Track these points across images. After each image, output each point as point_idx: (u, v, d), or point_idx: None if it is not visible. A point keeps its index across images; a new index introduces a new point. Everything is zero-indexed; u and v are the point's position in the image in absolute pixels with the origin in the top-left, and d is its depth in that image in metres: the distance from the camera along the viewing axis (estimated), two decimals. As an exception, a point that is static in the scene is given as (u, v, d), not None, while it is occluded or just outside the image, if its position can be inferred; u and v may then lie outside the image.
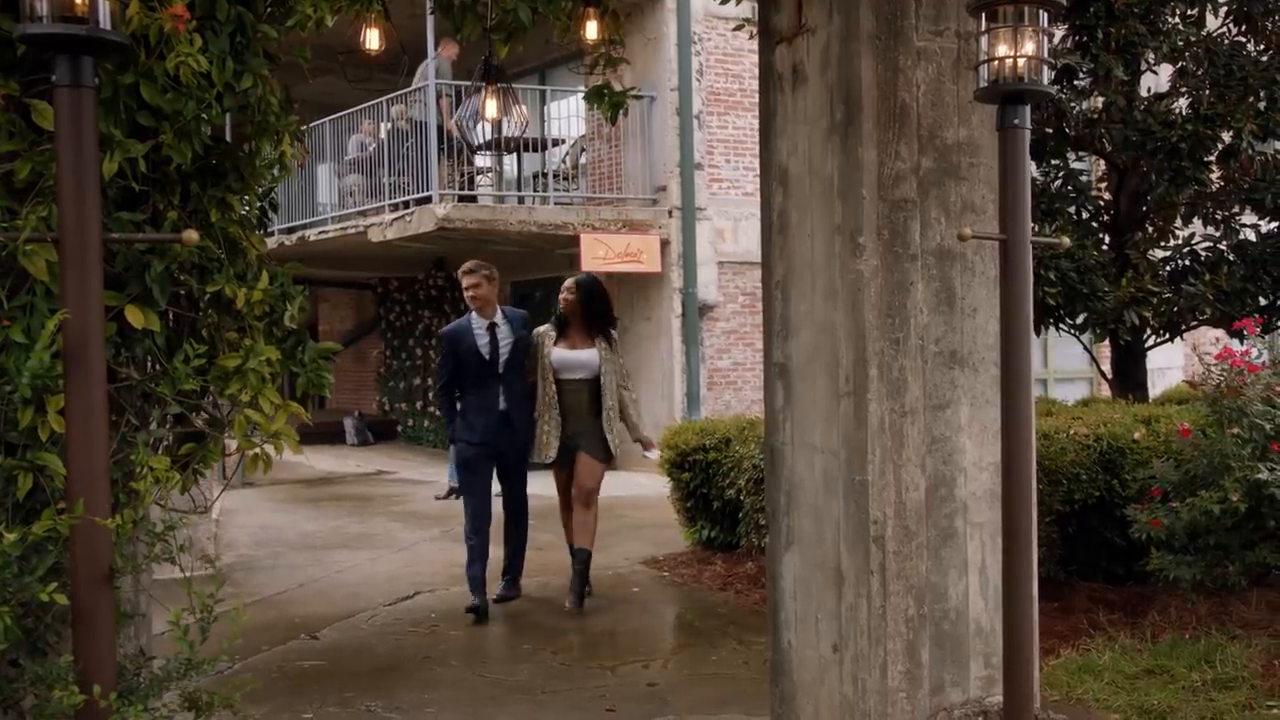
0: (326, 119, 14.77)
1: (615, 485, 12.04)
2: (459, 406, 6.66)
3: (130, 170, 2.62)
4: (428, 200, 12.63)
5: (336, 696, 5.04)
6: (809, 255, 3.88)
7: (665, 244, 13.06)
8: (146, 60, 2.58)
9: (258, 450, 2.98)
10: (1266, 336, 6.39)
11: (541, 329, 6.85)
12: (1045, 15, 3.27)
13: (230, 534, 9.32)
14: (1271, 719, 4.31)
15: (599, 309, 6.82)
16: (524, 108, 6.91)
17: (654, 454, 7.22)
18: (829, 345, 3.78)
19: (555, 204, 13.04)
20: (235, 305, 2.88)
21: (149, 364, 2.82)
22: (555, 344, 6.72)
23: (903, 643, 3.68)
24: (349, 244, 14.24)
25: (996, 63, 3.27)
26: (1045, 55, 3.26)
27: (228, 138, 3.01)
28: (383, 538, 9.26)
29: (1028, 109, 3.28)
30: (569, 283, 6.88)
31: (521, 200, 12.92)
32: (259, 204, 3.09)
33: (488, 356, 6.55)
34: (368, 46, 5.49)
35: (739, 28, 6.21)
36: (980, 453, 3.80)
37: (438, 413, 8.83)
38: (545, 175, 12.55)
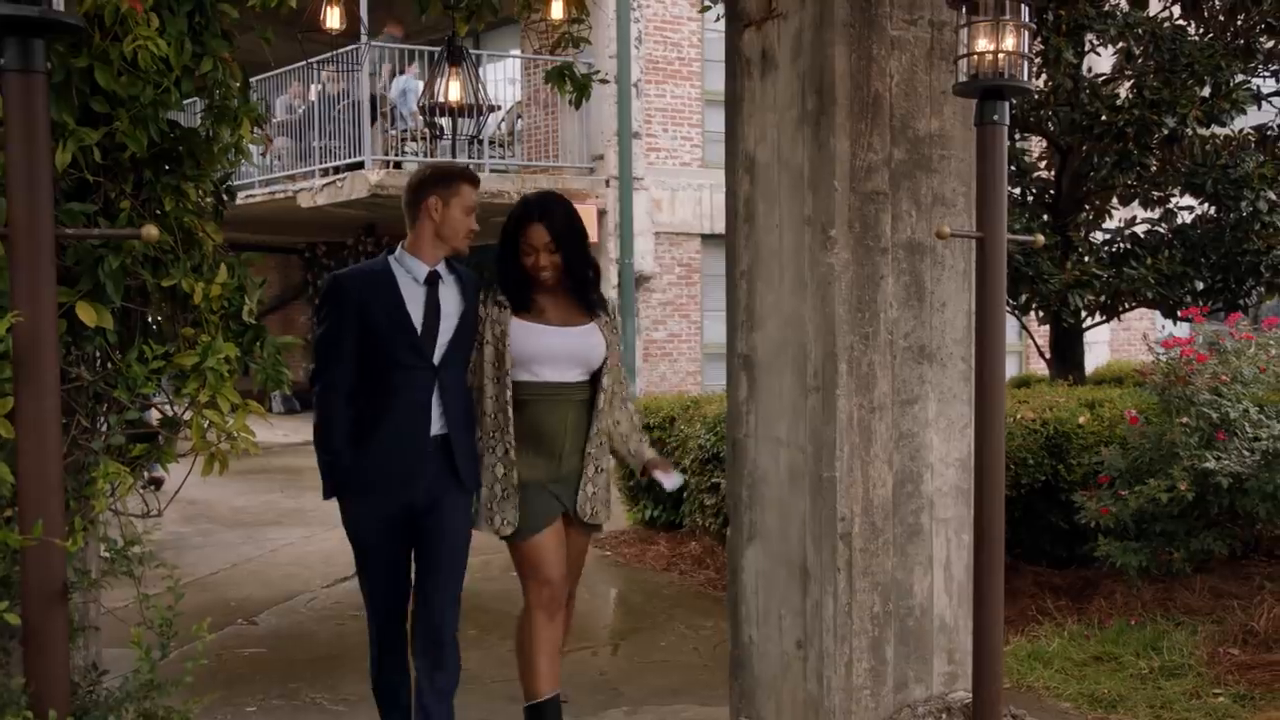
0: (252, 79, 14.36)
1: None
2: (354, 422, 3.62)
3: (83, 159, 2.46)
4: (360, 166, 12.36)
5: (280, 688, 4.92)
6: (777, 246, 3.80)
7: (602, 214, 12.94)
8: (101, 42, 2.41)
9: (214, 450, 2.85)
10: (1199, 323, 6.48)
11: (484, 292, 3.83)
12: (1026, 9, 3.22)
13: (154, 504, 9.06)
14: (1218, 707, 4.37)
15: (586, 253, 3.94)
16: (485, 87, 6.56)
17: (674, 479, 4.20)
18: (796, 338, 3.72)
19: (491, 172, 12.83)
20: (192, 300, 2.73)
21: (100, 363, 2.67)
22: (516, 315, 3.78)
23: (868, 640, 3.66)
24: (277, 208, 13.91)
25: (976, 57, 3.21)
26: (1025, 50, 3.21)
27: (184, 122, 2.85)
28: (316, 513, 9.06)
29: (1007, 105, 3.22)
30: (533, 203, 3.86)
31: (457, 167, 12.65)
32: (215, 191, 2.93)
33: (419, 331, 3.58)
34: (329, 25, 5.29)
35: (704, 9, 6.08)
36: (947, 448, 3.78)
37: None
38: (480, 142, 12.32)
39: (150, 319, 2.81)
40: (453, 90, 6.12)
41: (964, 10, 3.22)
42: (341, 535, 7.97)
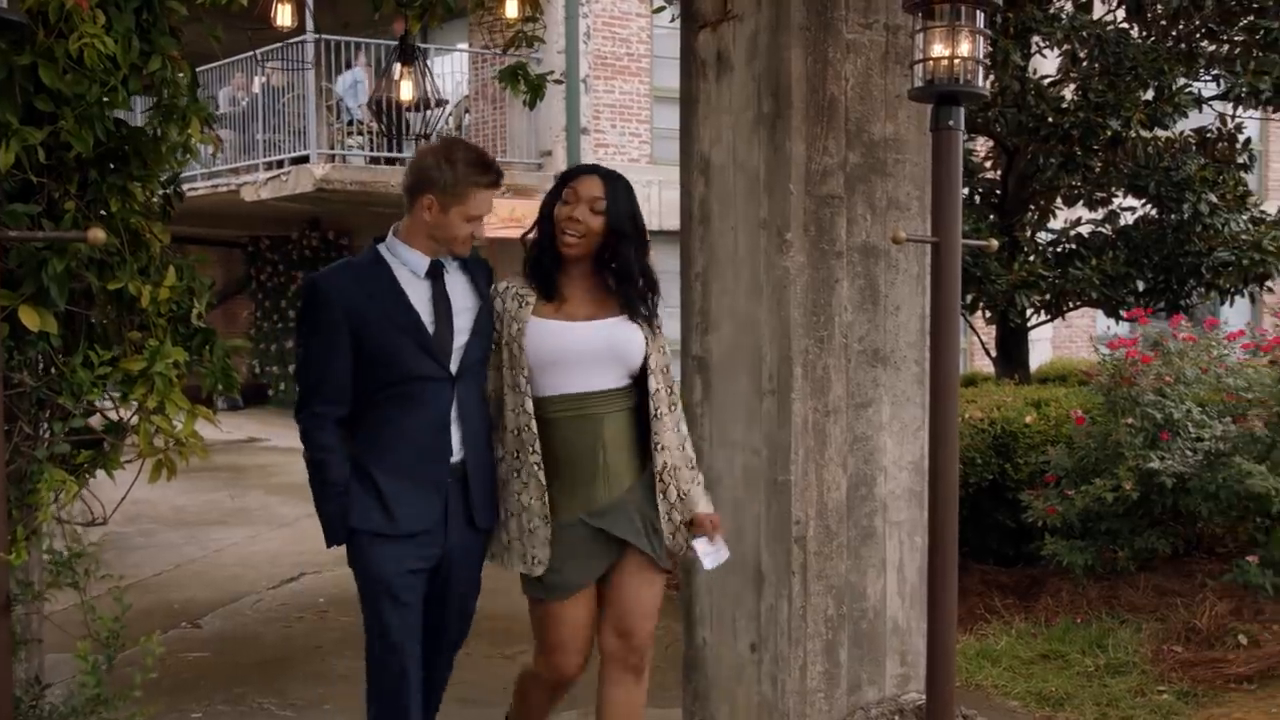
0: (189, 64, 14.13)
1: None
2: (357, 456, 2.98)
3: (27, 159, 2.39)
4: (305, 160, 12.21)
5: (225, 693, 4.84)
6: (732, 248, 3.80)
7: (550, 210, 12.86)
8: (46, 39, 2.34)
9: (162, 457, 2.79)
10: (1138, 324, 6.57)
11: (504, 285, 3.17)
12: (981, 16, 3.24)
13: (98, 509, 8.90)
14: (1163, 704, 4.44)
15: (640, 248, 3.20)
16: (438, 84, 6.42)
17: (718, 554, 3.24)
18: (751, 342, 3.72)
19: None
20: (139, 303, 2.67)
21: (43, 368, 2.60)
22: (536, 313, 3.11)
23: (822, 643, 3.66)
24: (219, 202, 13.70)
25: (932, 62, 3.22)
26: (980, 56, 3.22)
27: (131, 121, 2.78)
28: (261, 513, 8.96)
29: (962, 111, 3.24)
30: (584, 174, 3.16)
31: (404, 163, 12.54)
32: (162, 191, 2.87)
33: (431, 331, 2.97)
34: (279, 23, 5.20)
35: (658, 10, 6.06)
36: (900, 451, 3.79)
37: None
38: (428, 137, 12.20)
39: (96, 322, 2.74)
40: (405, 89, 6.01)
41: (920, 16, 3.23)
42: (287, 536, 7.76)
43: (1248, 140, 8.11)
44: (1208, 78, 7.69)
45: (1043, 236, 8.15)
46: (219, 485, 10.18)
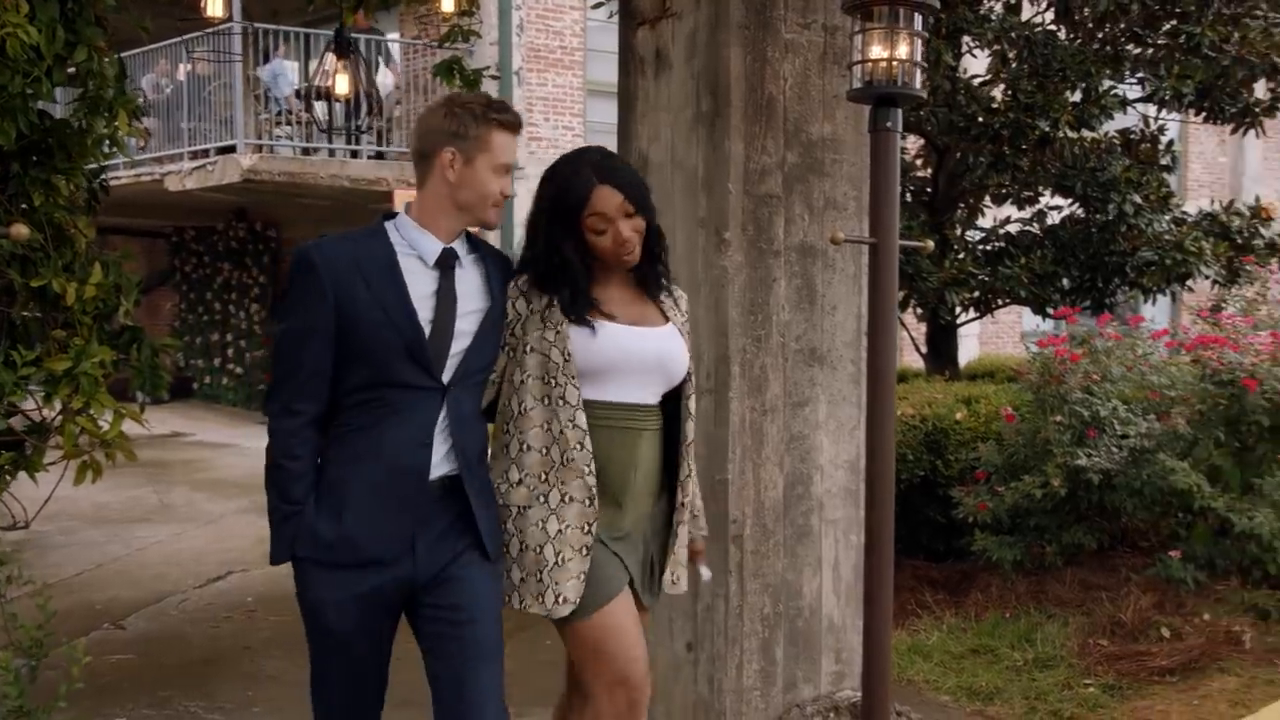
0: (116, 55, 13.81)
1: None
2: (325, 464, 2.61)
3: (-55, 153, 2.30)
4: (232, 150, 11.98)
5: (150, 696, 4.73)
6: (670, 246, 3.78)
7: (483, 203, 12.77)
8: (-35, 29, 2.26)
9: (87, 458, 2.71)
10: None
11: (516, 281, 2.78)
12: (919, 18, 3.26)
13: (18, 511, 8.67)
14: (1089, 697, 4.52)
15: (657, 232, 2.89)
16: (374, 77, 6.27)
17: (705, 572, 3.17)
18: (689, 341, 3.71)
19: (368, 158, 12.56)
20: (64, 301, 2.59)
21: (-38, 368, 2.51)
22: (571, 315, 2.72)
23: (758, 641, 3.68)
24: (142, 191, 13.39)
25: (870, 64, 3.24)
26: (918, 58, 3.24)
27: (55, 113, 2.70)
28: (186, 509, 8.79)
29: (900, 112, 3.26)
30: (580, 163, 2.79)
31: (333, 153, 12.41)
32: (87, 185, 2.78)
33: (426, 335, 2.58)
34: (209, 13, 5.08)
35: (597, 5, 6.03)
36: (836, 450, 3.81)
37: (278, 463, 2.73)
38: (358, 127, 12.06)
39: (18, 321, 2.66)
40: (340, 84, 5.89)
41: (859, 17, 3.24)
42: (213, 533, 7.57)
43: (1170, 142, 8.28)
44: (1133, 80, 7.83)
45: (972, 235, 8.25)
46: (143, 481, 9.96)
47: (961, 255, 7.67)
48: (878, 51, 3.20)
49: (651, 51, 3.84)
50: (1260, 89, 7.85)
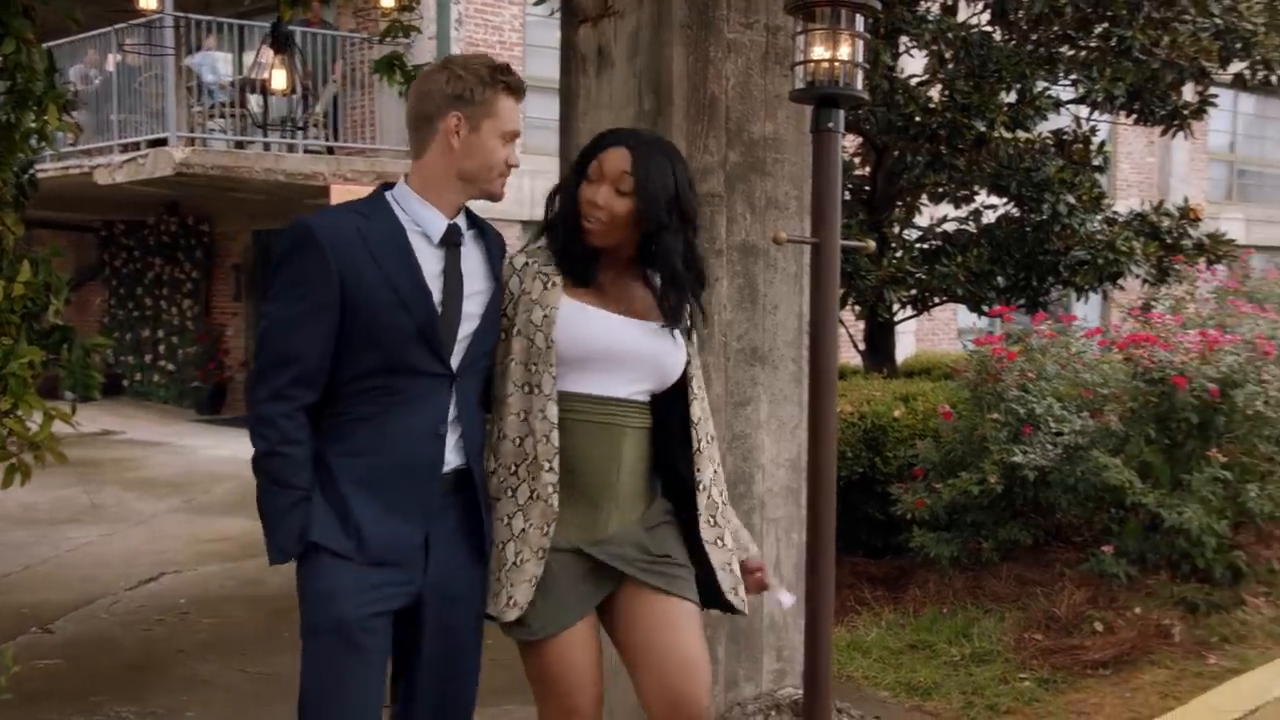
0: (44, 47, 13.50)
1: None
2: (319, 457, 2.41)
3: None
4: (164, 142, 11.77)
5: (80, 702, 4.63)
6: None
7: (421, 198, 12.67)
8: (-114, 19, 2.19)
9: (15, 460, 2.64)
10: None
11: (521, 260, 2.61)
12: (861, 19, 3.27)
13: (-61, 508, 8.47)
14: (1024, 690, 4.58)
15: (685, 236, 2.63)
16: (308, 71, 6.13)
17: (787, 598, 3.14)
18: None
19: (305, 152, 12.40)
20: (-10, 300, 2.52)
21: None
22: (569, 295, 2.57)
23: (701, 640, 3.67)
24: (71, 184, 13.11)
25: (812, 64, 3.24)
26: (860, 59, 3.26)
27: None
28: (116, 509, 8.63)
29: (841, 113, 3.27)
30: (624, 132, 2.75)
31: (268, 147, 12.24)
32: (15, 181, 2.71)
33: (439, 310, 2.43)
34: (141, 4, 4.96)
35: (539, 2, 5.99)
36: (778, 449, 3.82)
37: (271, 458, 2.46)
38: (294, 121, 11.89)
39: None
40: (278, 79, 5.79)
41: (801, 18, 3.25)
42: (144, 534, 7.45)
43: (1102, 143, 8.42)
44: (1066, 82, 7.95)
45: (910, 233, 8.33)
46: (72, 481, 9.75)
47: (899, 254, 7.74)
48: (820, 52, 3.21)
49: (593, 49, 3.82)
50: (1188, 92, 8.01)
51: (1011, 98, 7.56)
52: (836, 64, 3.21)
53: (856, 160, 8.56)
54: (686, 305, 2.62)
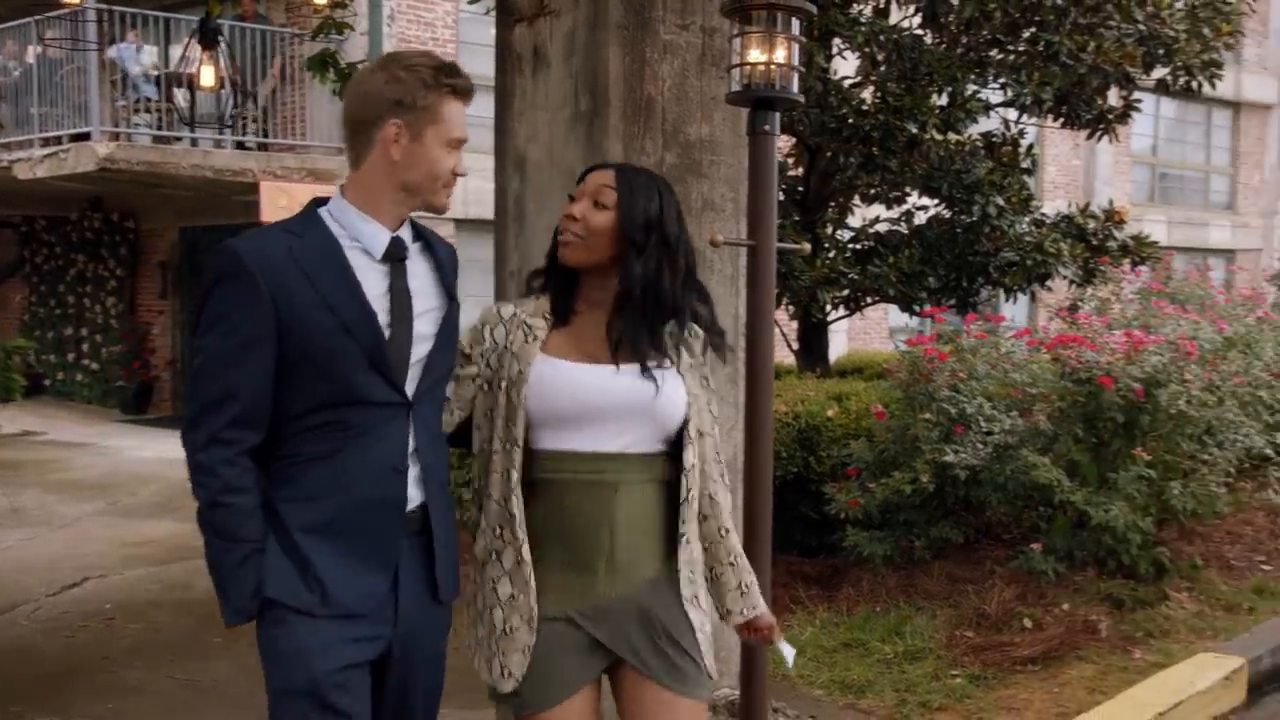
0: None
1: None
2: (269, 504, 2.20)
3: None
4: (86, 137, 11.52)
5: (0, 712, 4.51)
6: (547, 247, 3.75)
7: (352, 196, 12.53)
8: None
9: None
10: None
11: (509, 310, 2.44)
12: (797, 23, 3.29)
13: None
14: (956, 687, 4.63)
15: (663, 258, 2.41)
16: (233, 67, 6.02)
17: (790, 653, 2.87)
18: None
19: (233, 148, 12.19)
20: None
21: None
22: (546, 349, 2.38)
23: (637, 642, 3.66)
24: (-11, 179, 12.80)
25: (749, 67, 3.26)
26: (796, 63, 3.27)
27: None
28: (38, 513, 8.42)
29: (777, 116, 3.28)
30: (596, 169, 2.50)
31: (195, 143, 12.03)
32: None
33: (387, 337, 2.21)
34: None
35: (474, 0, 5.94)
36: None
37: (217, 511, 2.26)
38: (223, 119, 11.70)
39: None
40: (206, 75, 5.68)
41: (737, 20, 3.26)
42: (67, 538, 7.30)
43: (1030, 146, 8.55)
44: (995, 86, 8.06)
45: (842, 234, 8.40)
46: (-10, 484, 9.53)
47: (832, 254, 7.80)
48: (756, 55, 3.22)
49: (529, 49, 3.80)
50: (1113, 96, 8.17)
51: (943, 100, 7.65)
52: (772, 67, 3.22)
53: (790, 161, 8.62)
54: (640, 338, 2.36)
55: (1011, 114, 8.21)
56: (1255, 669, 4.89)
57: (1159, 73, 8.11)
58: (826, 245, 7.72)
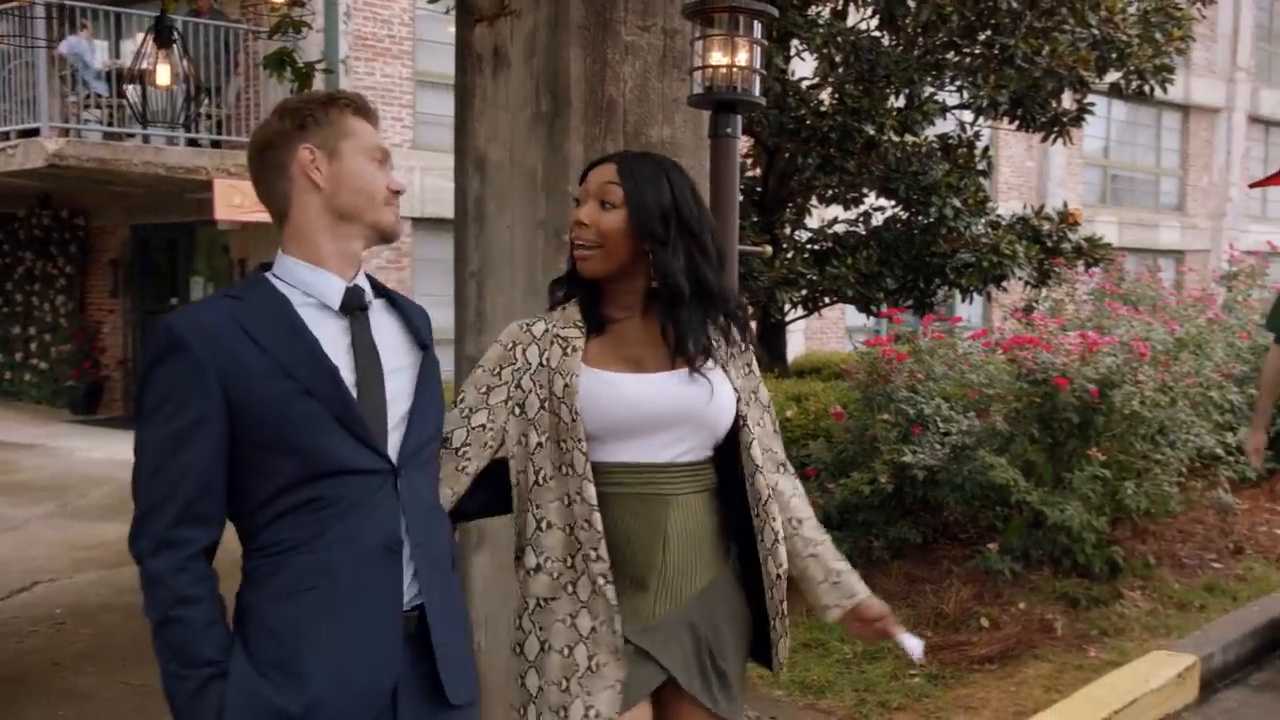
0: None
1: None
2: (249, 607, 1.91)
3: None
4: (35, 133, 11.34)
5: (-51, 720, 4.44)
6: (508, 248, 3.73)
7: (308, 194, 12.43)
8: None
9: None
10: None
11: (540, 326, 2.27)
12: (759, 26, 3.29)
13: None
14: (914, 687, 4.66)
15: (691, 245, 2.23)
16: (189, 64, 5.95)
17: (916, 646, 2.41)
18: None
19: (186, 145, 12.05)
20: None
21: None
22: (589, 361, 2.21)
23: (598, 645, 3.65)
24: (-66, 175, 12.56)
25: (711, 70, 3.26)
26: (757, 66, 3.28)
27: None
28: (-15, 514, 8.28)
29: (739, 119, 3.29)
30: (596, 165, 2.35)
31: (147, 139, 11.87)
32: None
33: (355, 396, 1.96)
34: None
35: (433, 0, 5.91)
36: (675, 452, 3.82)
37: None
38: (179, 116, 11.53)
39: None
40: (162, 74, 5.60)
41: (699, 23, 3.26)
42: (15, 541, 7.19)
43: (986, 148, 8.63)
44: (951, 88, 8.12)
45: (800, 234, 8.44)
46: (-64, 485, 9.36)
47: (791, 255, 7.84)
48: (718, 58, 3.23)
49: (490, 49, 3.78)
50: (1068, 99, 8.26)
51: (900, 102, 7.70)
52: (735, 70, 3.23)
53: (748, 161, 8.64)
54: (699, 338, 2.20)
55: (967, 116, 8.28)
56: (1207, 666, 4.96)
57: (1112, 76, 8.22)
58: (785, 246, 7.76)
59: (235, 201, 11.74)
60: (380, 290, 2.10)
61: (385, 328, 2.06)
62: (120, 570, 6.61)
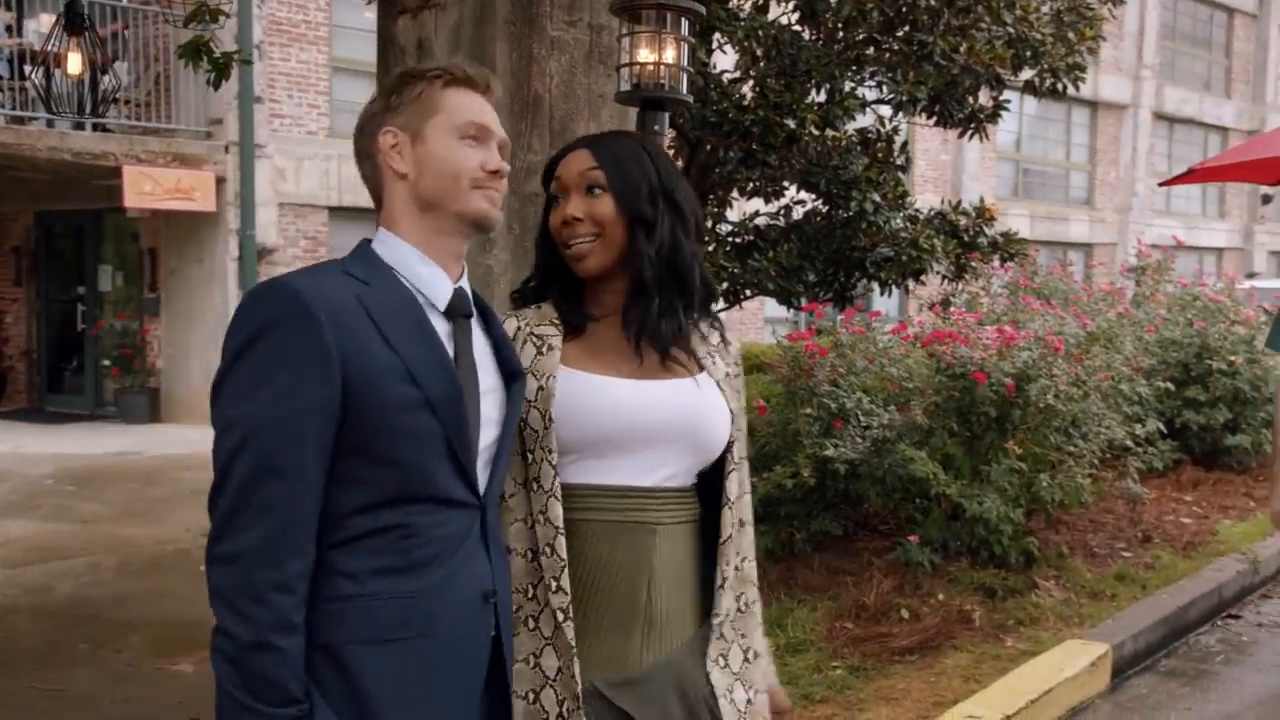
0: None
1: (159, 441, 11.20)
2: (320, 648, 1.58)
3: None
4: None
5: None
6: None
7: (221, 181, 12.19)
8: None
9: None
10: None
11: (513, 324, 1.98)
12: (686, 23, 3.29)
13: None
14: (837, 679, 4.71)
15: (684, 233, 1.98)
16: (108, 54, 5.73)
17: None
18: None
19: (94, 130, 11.72)
20: None
21: None
22: (567, 361, 1.93)
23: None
24: None
25: (638, 67, 3.25)
26: (685, 63, 3.27)
27: None
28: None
29: (666, 116, 3.29)
30: (566, 153, 2.02)
31: (52, 124, 11.52)
32: None
33: (472, 425, 1.73)
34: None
35: (353, -12, 5.81)
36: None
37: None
38: (83, 98, 11.20)
39: None
40: (73, 62, 5.42)
41: (626, 19, 3.24)
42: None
43: (904, 144, 8.72)
44: (871, 84, 8.19)
45: (722, 228, 8.45)
46: None
47: (712, 247, 7.84)
48: (645, 55, 3.23)
49: (413, 42, 3.72)
50: (984, 96, 8.38)
51: (821, 97, 7.74)
52: (662, 67, 3.23)
53: (671, 155, 8.64)
54: (664, 328, 1.93)
55: (886, 111, 8.35)
56: (1118, 654, 5.09)
57: (1027, 74, 8.34)
58: (707, 239, 7.76)
59: (146, 189, 11.47)
60: (476, 299, 1.87)
61: (479, 344, 1.81)
62: (26, 569, 6.42)
